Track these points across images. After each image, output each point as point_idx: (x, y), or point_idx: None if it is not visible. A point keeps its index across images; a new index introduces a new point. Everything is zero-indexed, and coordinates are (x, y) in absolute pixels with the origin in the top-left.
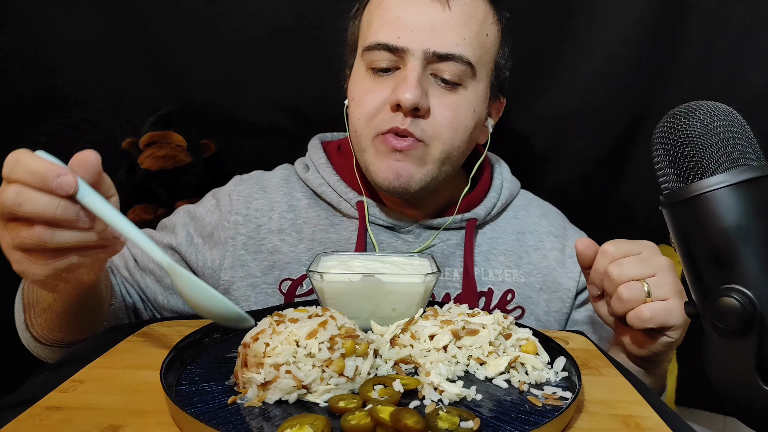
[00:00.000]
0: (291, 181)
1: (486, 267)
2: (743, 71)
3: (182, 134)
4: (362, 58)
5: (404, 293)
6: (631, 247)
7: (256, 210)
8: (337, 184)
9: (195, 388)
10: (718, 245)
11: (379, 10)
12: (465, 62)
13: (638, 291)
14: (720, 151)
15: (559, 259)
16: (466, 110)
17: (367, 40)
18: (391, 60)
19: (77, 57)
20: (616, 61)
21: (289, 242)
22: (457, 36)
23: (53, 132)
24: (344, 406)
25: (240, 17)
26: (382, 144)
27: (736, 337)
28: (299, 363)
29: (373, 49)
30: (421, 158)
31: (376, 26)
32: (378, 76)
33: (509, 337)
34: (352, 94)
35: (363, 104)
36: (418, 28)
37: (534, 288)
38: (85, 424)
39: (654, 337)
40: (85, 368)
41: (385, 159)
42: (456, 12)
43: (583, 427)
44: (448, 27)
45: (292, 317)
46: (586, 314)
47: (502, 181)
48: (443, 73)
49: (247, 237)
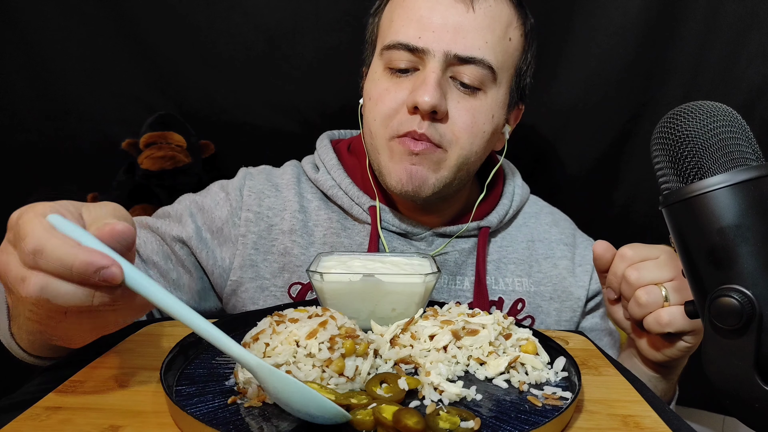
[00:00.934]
0: (301, 180)
1: (497, 276)
2: (739, 70)
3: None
4: (381, 57)
5: (404, 293)
6: (648, 252)
7: (269, 209)
8: (349, 187)
9: (195, 388)
10: (716, 244)
11: (400, 8)
12: (486, 66)
13: (657, 295)
14: (719, 151)
15: (569, 268)
16: (485, 116)
17: (387, 38)
18: (411, 60)
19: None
20: (613, 60)
21: (300, 244)
22: (480, 39)
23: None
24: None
25: (237, 18)
26: (398, 146)
27: (734, 336)
28: (299, 363)
29: (392, 48)
30: (437, 163)
31: (397, 25)
32: (396, 77)
33: (509, 337)
34: (369, 94)
35: (380, 104)
36: (440, 29)
37: (544, 297)
38: (85, 424)
39: (671, 342)
40: (84, 368)
41: (400, 161)
42: (480, 14)
43: (583, 426)
44: (471, 29)
45: (292, 317)
46: (594, 321)
47: (514, 188)
48: (463, 77)
49: (258, 236)
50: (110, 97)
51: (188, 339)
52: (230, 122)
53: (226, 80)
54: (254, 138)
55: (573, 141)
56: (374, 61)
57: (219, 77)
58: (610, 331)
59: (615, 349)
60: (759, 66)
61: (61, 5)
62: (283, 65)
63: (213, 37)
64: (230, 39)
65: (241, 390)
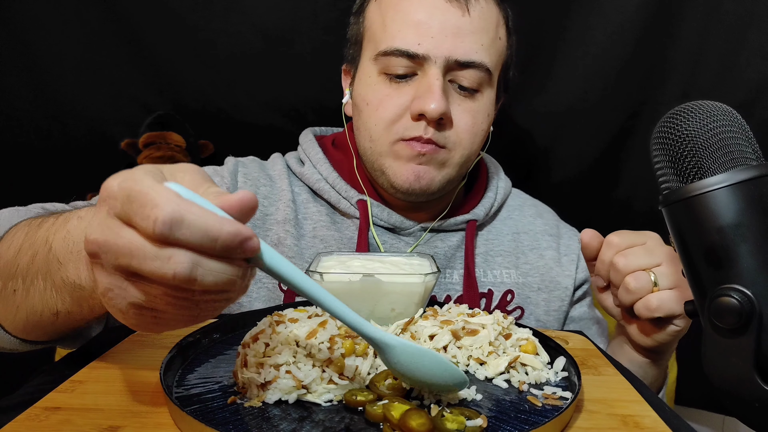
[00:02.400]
0: (290, 172)
1: (485, 268)
2: (738, 69)
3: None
4: (375, 61)
5: (403, 293)
6: (635, 238)
7: (264, 197)
8: (336, 181)
9: (195, 388)
10: (716, 244)
11: (393, 11)
12: (484, 69)
13: (645, 281)
14: (719, 151)
15: (555, 258)
16: (483, 115)
17: (383, 44)
18: (409, 66)
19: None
20: (611, 59)
21: (293, 234)
22: (477, 42)
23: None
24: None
25: (235, 18)
26: (405, 148)
27: (734, 336)
28: (299, 363)
29: (390, 54)
30: (442, 162)
31: (392, 30)
32: (395, 82)
33: (509, 337)
34: (366, 98)
35: (381, 110)
36: (439, 34)
37: (532, 288)
38: (85, 424)
39: (661, 327)
40: (84, 369)
41: (407, 163)
42: (475, 17)
43: (583, 426)
44: (469, 33)
45: (291, 317)
46: (582, 310)
47: (498, 181)
48: (462, 80)
49: (252, 225)
50: (109, 98)
51: (187, 339)
52: (229, 122)
53: (225, 80)
54: (253, 138)
55: (572, 140)
56: (366, 64)
57: (218, 77)
58: (598, 319)
59: (603, 337)
60: (758, 65)
61: (59, 6)
62: (282, 65)
63: (211, 37)
64: (228, 39)
65: (241, 390)
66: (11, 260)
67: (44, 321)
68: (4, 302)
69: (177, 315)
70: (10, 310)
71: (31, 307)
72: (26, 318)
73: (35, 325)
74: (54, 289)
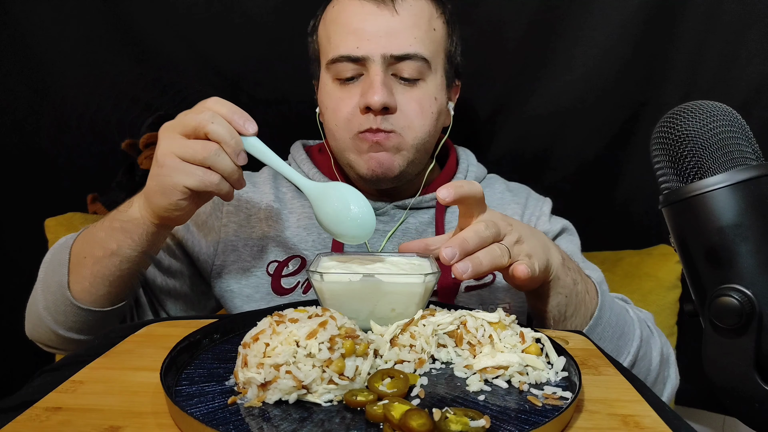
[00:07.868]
0: (278, 178)
1: None
2: (738, 69)
3: None
4: (327, 70)
5: (403, 293)
6: None
7: (247, 201)
8: (316, 176)
9: (195, 388)
10: (716, 244)
11: (334, 25)
12: (420, 59)
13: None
14: (719, 151)
15: (519, 216)
16: (429, 100)
17: (330, 54)
18: (355, 69)
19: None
20: (610, 59)
21: (277, 228)
22: (410, 37)
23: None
24: (363, 399)
25: (236, 19)
26: (361, 142)
27: (734, 336)
28: (299, 363)
29: (336, 61)
30: (396, 146)
31: (335, 40)
32: (345, 85)
33: None
34: (325, 104)
35: (337, 112)
36: (374, 36)
37: None
38: (85, 425)
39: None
40: (84, 369)
41: (366, 153)
42: (404, 15)
43: (583, 426)
44: (401, 29)
45: (292, 317)
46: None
47: (468, 165)
48: (403, 72)
49: (238, 225)
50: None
51: (188, 339)
52: None
53: (225, 80)
54: None
55: (572, 140)
56: (323, 74)
57: (217, 77)
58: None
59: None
60: (758, 65)
61: (60, 6)
62: (283, 66)
63: (211, 38)
64: (228, 39)
65: (241, 390)
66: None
67: (104, 267)
68: (78, 268)
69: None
70: (83, 273)
71: (93, 255)
72: (91, 272)
73: (96, 276)
74: (111, 230)
